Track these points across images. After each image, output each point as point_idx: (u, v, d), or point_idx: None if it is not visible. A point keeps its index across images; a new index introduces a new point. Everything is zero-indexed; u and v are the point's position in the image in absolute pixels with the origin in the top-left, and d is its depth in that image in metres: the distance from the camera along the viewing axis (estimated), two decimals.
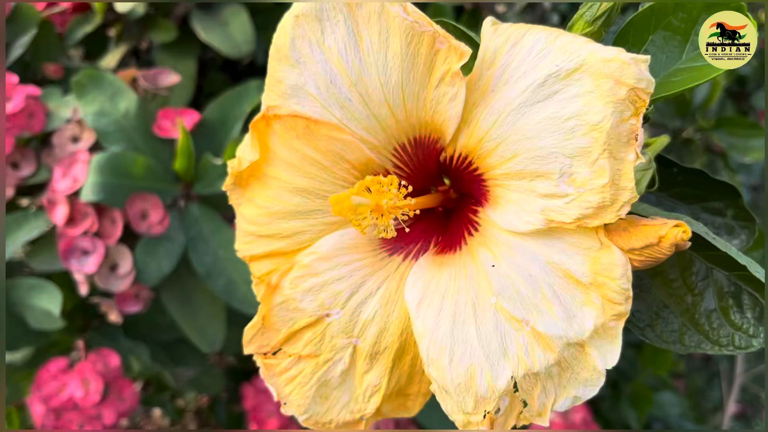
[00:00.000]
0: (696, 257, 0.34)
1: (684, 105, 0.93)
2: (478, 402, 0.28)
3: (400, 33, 0.30)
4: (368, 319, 0.32)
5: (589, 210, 0.27)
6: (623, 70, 0.27)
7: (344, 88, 0.32)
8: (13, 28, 1.02)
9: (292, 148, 0.33)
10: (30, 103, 0.89)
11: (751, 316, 0.32)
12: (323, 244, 0.33)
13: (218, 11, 1.10)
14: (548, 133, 0.28)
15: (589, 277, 0.28)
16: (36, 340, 0.93)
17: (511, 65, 0.29)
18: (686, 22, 0.33)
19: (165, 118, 0.91)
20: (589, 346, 0.28)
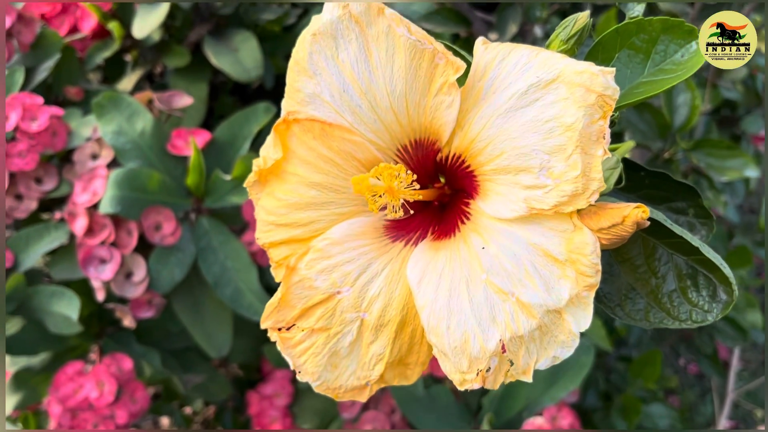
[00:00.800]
0: (658, 244, 0.38)
1: (665, 127, 0.98)
2: (471, 362, 0.33)
3: (405, 50, 0.34)
4: (374, 296, 0.36)
5: (564, 198, 0.32)
6: (593, 80, 0.31)
7: (355, 96, 0.36)
8: (38, 54, 1.07)
9: (309, 147, 0.37)
10: (53, 122, 0.94)
11: (706, 294, 0.37)
12: (335, 231, 0.37)
13: (229, 38, 1.15)
14: (530, 134, 0.32)
15: (564, 255, 0.32)
16: (54, 345, 0.97)
17: (499, 77, 0.34)
18: (647, 43, 0.38)
19: (178, 137, 0.96)
20: (566, 313, 0.32)
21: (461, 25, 1.02)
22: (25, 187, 0.93)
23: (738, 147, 0.95)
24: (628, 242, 0.40)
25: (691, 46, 0.38)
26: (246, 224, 0.97)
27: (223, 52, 1.14)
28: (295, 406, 1.13)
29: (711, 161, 0.96)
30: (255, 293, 0.90)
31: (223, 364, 1.28)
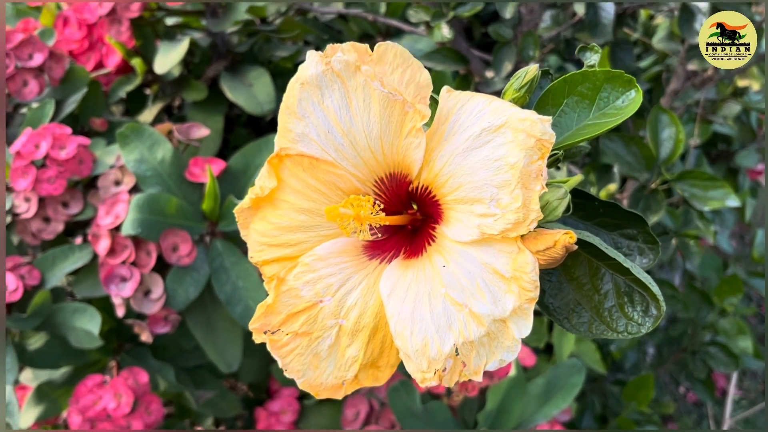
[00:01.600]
0: (601, 266, 0.44)
1: (650, 160, 1.03)
2: (430, 363, 0.38)
3: (379, 100, 0.40)
4: (352, 305, 0.42)
5: (509, 225, 0.37)
6: (533, 126, 0.37)
7: (338, 136, 0.42)
8: (67, 88, 1.15)
9: (298, 178, 0.43)
10: (80, 151, 1.01)
11: (640, 309, 0.42)
12: (320, 249, 0.43)
13: (244, 73, 1.23)
14: (482, 170, 0.38)
15: (510, 272, 0.38)
16: (75, 360, 1.03)
17: (458, 121, 0.40)
18: (591, 90, 0.43)
19: (195, 165, 1.03)
20: (510, 322, 0.37)
21: (460, 64, 1.08)
22: (53, 210, 1.00)
23: (719, 178, 0.99)
24: (575, 263, 0.45)
25: (630, 93, 0.43)
26: None
27: (239, 87, 1.21)
28: (301, 422, 1.18)
29: (694, 191, 1.00)
30: None
31: (233, 383, 1.33)
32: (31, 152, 0.98)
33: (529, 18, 1.03)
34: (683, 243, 1.22)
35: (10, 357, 0.95)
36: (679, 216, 1.25)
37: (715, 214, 1.32)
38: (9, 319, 0.96)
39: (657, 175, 1.03)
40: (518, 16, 1.04)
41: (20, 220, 1.00)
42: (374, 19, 1.19)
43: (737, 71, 1.35)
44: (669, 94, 1.33)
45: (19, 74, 1.09)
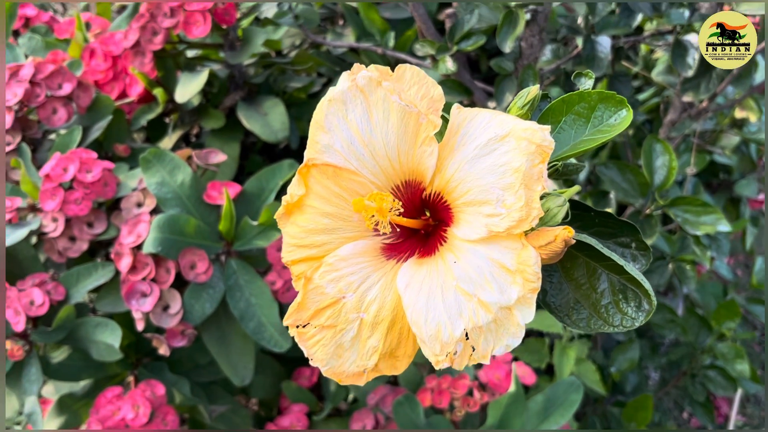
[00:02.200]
0: (598, 266, 0.47)
1: (645, 187, 1.07)
2: (443, 347, 0.42)
3: (397, 112, 0.45)
4: (371, 300, 0.46)
5: (514, 222, 0.41)
6: (534, 134, 0.41)
7: (360, 147, 0.47)
8: (93, 115, 1.20)
9: (324, 186, 0.48)
10: (105, 174, 1.06)
11: (633, 305, 0.46)
12: (342, 250, 0.47)
13: (260, 103, 1.28)
14: (489, 175, 0.42)
15: (515, 266, 0.41)
16: (95, 373, 1.06)
17: (467, 133, 0.44)
18: (587, 110, 0.48)
19: (213, 188, 1.07)
20: (515, 309, 0.41)
21: (464, 95, 1.14)
22: (79, 230, 1.04)
23: (711, 205, 1.03)
24: (574, 265, 0.49)
25: (621, 112, 0.47)
26: (270, 266, 1.07)
27: (254, 116, 1.27)
28: None
29: (687, 217, 1.05)
30: (275, 327, 1.00)
31: (245, 400, 1.35)
32: (59, 175, 1.03)
33: (529, 52, 1.08)
34: (680, 267, 1.25)
35: (34, 368, 0.99)
36: (676, 242, 1.28)
37: (712, 240, 1.35)
38: (35, 332, 0.99)
39: (651, 201, 1.07)
40: (518, 50, 1.09)
41: (47, 238, 1.04)
42: (383, 52, 1.25)
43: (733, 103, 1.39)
44: (666, 124, 1.38)
45: (49, 102, 1.15)
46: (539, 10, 1.03)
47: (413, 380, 1.18)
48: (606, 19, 1.16)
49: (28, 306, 0.97)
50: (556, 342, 1.25)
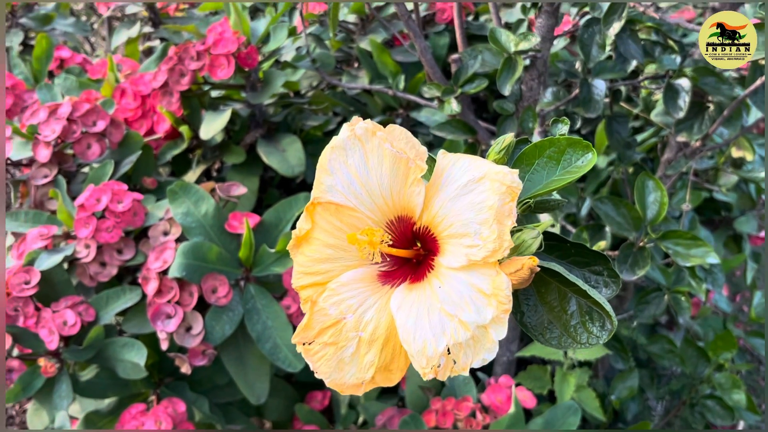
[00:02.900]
0: (568, 291, 0.53)
1: (638, 221, 1.13)
2: (428, 360, 0.47)
3: (390, 157, 0.52)
4: (368, 320, 0.52)
5: (488, 252, 0.47)
6: (504, 177, 0.48)
7: (358, 187, 0.53)
8: (123, 150, 1.28)
9: (327, 221, 0.54)
10: (135, 204, 1.14)
11: (597, 325, 0.51)
12: (343, 276, 0.54)
13: (278, 140, 1.36)
14: (468, 211, 0.49)
15: (490, 290, 0.47)
16: (121, 391, 1.13)
17: (450, 175, 0.50)
18: (557, 153, 0.54)
19: (234, 218, 1.14)
20: (490, 328, 0.47)
21: (468, 133, 1.21)
22: (109, 256, 1.12)
23: (700, 238, 1.08)
24: (548, 290, 0.55)
25: (588, 155, 0.54)
26: (285, 291, 1.13)
27: (273, 152, 1.35)
28: None
29: (678, 249, 1.10)
30: (290, 348, 1.06)
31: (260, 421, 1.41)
32: (93, 205, 1.11)
33: (528, 94, 1.15)
34: (675, 299, 1.29)
35: (65, 385, 1.06)
36: (671, 274, 1.33)
37: (707, 273, 1.39)
38: (66, 351, 1.06)
39: (644, 234, 1.12)
40: (519, 92, 1.16)
41: (80, 264, 1.12)
42: (394, 93, 1.33)
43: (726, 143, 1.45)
44: (663, 163, 1.44)
45: (85, 138, 1.23)
46: (538, 56, 1.11)
47: (419, 403, 1.23)
48: (602, 64, 1.23)
49: (61, 326, 1.05)
50: (558, 369, 1.29)
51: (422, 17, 1.66)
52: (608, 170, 1.65)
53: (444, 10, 1.63)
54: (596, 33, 1.08)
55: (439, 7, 1.65)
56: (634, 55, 1.12)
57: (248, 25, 1.35)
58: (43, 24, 1.74)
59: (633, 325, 1.47)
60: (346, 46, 1.62)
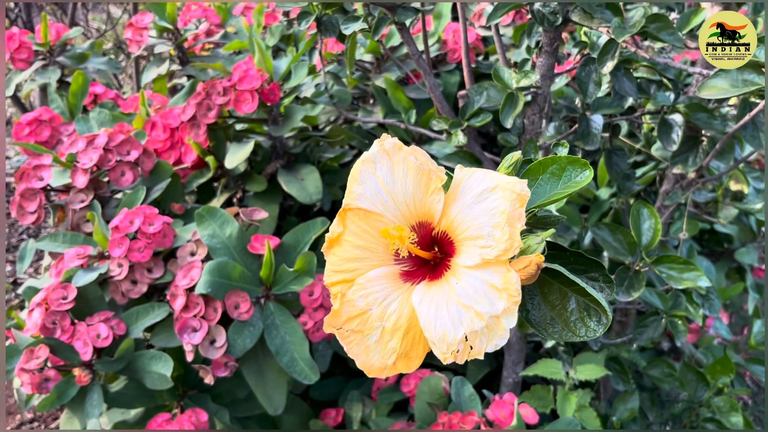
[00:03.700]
0: (568, 291, 0.59)
1: (633, 246, 1.19)
2: (448, 347, 0.53)
3: (414, 169, 0.58)
4: (392, 312, 0.58)
5: (501, 252, 0.53)
6: (515, 186, 0.54)
7: (384, 195, 0.60)
8: (154, 178, 1.35)
9: (356, 224, 0.60)
10: (164, 227, 1.20)
11: (594, 320, 0.57)
12: (370, 273, 0.60)
13: (297, 170, 1.43)
14: (483, 216, 0.55)
15: (502, 285, 0.53)
16: (147, 402, 1.17)
17: (467, 186, 0.57)
18: (559, 169, 0.61)
19: (256, 240, 1.21)
20: (502, 318, 0.52)
21: (474, 164, 1.27)
22: (140, 274, 1.18)
23: (692, 263, 1.14)
24: (550, 290, 0.61)
25: (586, 172, 0.60)
26: (302, 309, 1.19)
27: (293, 181, 1.42)
28: None
29: (671, 273, 1.15)
30: (306, 362, 1.11)
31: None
32: (126, 227, 1.17)
33: (530, 128, 1.22)
34: (672, 323, 1.34)
35: (96, 395, 1.10)
36: (669, 299, 1.38)
37: (704, 299, 1.44)
38: (99, 362, 1.12)
39: (639, 259, 1.18)
40: (522, 126, 1.23)
41: (113, 281, 1.18)
42: (406, 127, 1.40)
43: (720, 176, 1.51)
44: (662, 194, 1.50)
45: (119, 166, 1.31)
46: (539, 93, 1.18)
47: (428, 420, 1.27)
48: (600, 100, 1.30)
49: (95, 338, 1.10)
50: (560, 388, 1.33)
51: (434, 57, 1.75)
52: (610, 201, 1.71)
53: (455, 50, 1.72)
54: (593, 71, 1.16)
55: (451, 48, 1.74)
56: (628, 92, 1.20)
57: (271, 64, 1.44)
58: (79, 62, 1.84)
59: (633, 347, 1.51)
60: (363, 83, 1.70)
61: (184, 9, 1.92)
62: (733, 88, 0.96)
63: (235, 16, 1.98)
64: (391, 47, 1.65)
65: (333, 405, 1.44)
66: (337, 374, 1.52)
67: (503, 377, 1.49)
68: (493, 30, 1.37)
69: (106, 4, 4.10)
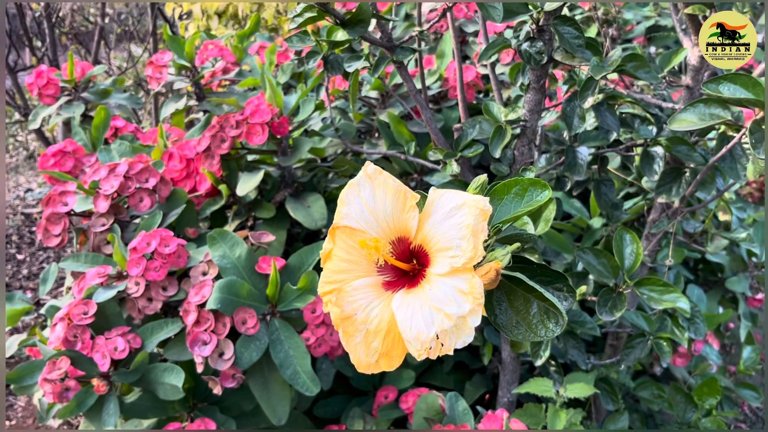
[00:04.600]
0: (531, 297, 0.66)
1: (616, 269, 1.25)
2: (422, 344, 0.60)
3: (392, 190, 0.66)
4: (374, 317, 0.65)
5: (467, 260, 0.61)
6: (478, 203, 0.62)
7: (367, 214, 0.67)
8: (170, 204, 1.44)
9: (344, 241, 0.68)
10: (179, 248, 1.29)
11: (553, 322, 0.64)
12: (356, 283, 0.67)
13: (304, 198, 1.51)
14: (452, 230, 0.62)
15: (468, 289, 0.60)
16: (159, 413, 1.24)
17: (438, 204, 0.64)
18: (522, 190, 0.68)
19: (264, 261, 1.29)
20: (468, 318, 0.59)
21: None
22: (156, 292, 1.26)
23: (672, 285, 1.20)
24: (516, 297, 0.68)
25: (546, 192, 0.67)
26: (305, 326, 1.26)
27: (300, 208, 1.50)
28: None
29: (652, 295, 1.21)
30: (307, 374, 1.18)
31: None
32: (144, 248, 1.26)
33: (520, 158, 1.30)
34: (658, 344, 1.39)
35: (113, 404, 1.18)
36: (654, 322, 1.44)
37: (690, 322, 1.49)
38: (116, 373, 1.19)
39: (622, 282, 1.24)
40: (513, 157, 1.31)
41: (130, 298, 1.26)
42: (406, 158, 1.49)
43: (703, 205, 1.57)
44: (649, 223, 1.57)
45: (138, 193, 1.40)
46: (527, 126, 1.26)
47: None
48: (587, 134, 1.38)
49: (112, 351, 1.18)
50: (550, 405, 1.38)
51: (437, 93, 1.85)
52: (602, 231, 1.77)
53: (455, 87, 1.82)
54: (577, 106, 1.24)
55: (452, 85, 1.83)
56: (611, 126, 1.28)
57: (281, 99, 1.53)
58: (102, 98, 1.95)
59: (621, 368, 1.56)
60: (368, 118, 1.79)
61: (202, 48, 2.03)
62: (700, 121, 1.04)
63: (249, 55, 2.09)
64: (394, 85, 1.74)
65: (336, 422, 1.50)
66: (339, 393, 1.58)
67: (498, 397, 1.54)
68: (489, 68, 1.46)
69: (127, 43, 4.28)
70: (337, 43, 1.29)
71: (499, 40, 1.22)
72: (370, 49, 1.35)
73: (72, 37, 4.21)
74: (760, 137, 1.00)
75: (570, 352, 1.39)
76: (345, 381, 1.56)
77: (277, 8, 3.01)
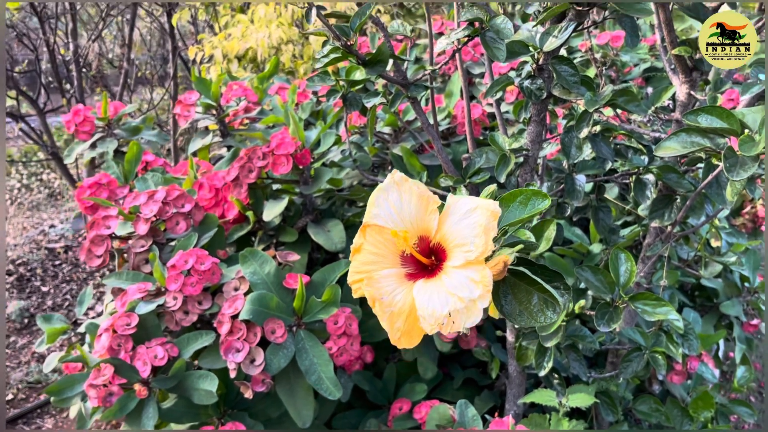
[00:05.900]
0: (532, 290, 0.77)
1: (612, 285, 1.36)
2: (435, 320, 0.70)
3: (417, 195, 0.78)
4: (397, 300, 0.76)
5: (479, 254, 0.72)
6: (490, 206, 0.73)
7: (394, 215, 0.79)
8: (203, 228, 1.56)
9: (373, 237, 0.79)
10: (213, 266, 1.40)
11: (551, 310, 0.75)
12: (382, 272, 0.78)
13: (324, 224, 1.63)
14: (467, 229, 0.74)
15: (479, 278, 0.72)
16: (193, 418, 1.34)
17: (456, 208, 0.76)
18: (526, 199, 0.79)
19: (290, 277, 1.40)
20: (477, 301, 0.70)
21: None
22: (192, 305, 1.37)
23: (664, 300, 1.30)
24: (520, 290, 0.79)
25: (545, 201, 0.79)
26: (328, 336, 1.36)
27: (320, 232, 1.62)
28: None
29: (645, 308, 1.31)
30: (330, 380, 1.28)
31: None
32: (181, 265, 1.37)
33: (523, 185, 1.42)
34: (653, 358, 1.49)
35: (152, 408, 1.28)
36: (650, 337, 1.53)
37: (684, 339, 1.59)
38: (155, 379, 1.29)
39: (618, 297, 1.35)
40: (516, 183, 1.43)
41: (168, 311, 1.37)
42: None
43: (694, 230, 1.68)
44: (645, 246, 1.68)
45: (174, 216, 1.52)
46: (529, 155, 1.39)
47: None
48: (584, 163, 1.51)
49: (152, 359, 1.28)
50: (553, 414, 1.47)
51: (446, 129, 1.99)
52: (601, 254, 1.88)
53: (463, 124, 1.95)
54: (574, 137, 1.37)
55: (460, 122, 1.97)
56: (605, 155, 1.40)
57: (303, 133, 1.67)
58: (133, 134, 2.09)
59: (620, 381, 1.64)
60: (382, 152, 1.93)
61: (226, 89, 2.19)
62: (683, 148, 1.16)
63: (269, 95, 2.24)
64: (407, 120, 1.88)
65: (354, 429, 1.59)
66: (357, 407, 1.67)
67: (506, 409, 1.63)
68: (494, 105, 1.59)
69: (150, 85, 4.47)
70: (355, 82, 1.43)
71: (503, 78, 1.35)
72: (385, 87, 1.49)
73: (98, 80, 4.41)
74: (735, 162, 1.12)
75: (572, 365, 1.49)
76: (362, 394, 1.66)
77: (293, 53, 3.19)
